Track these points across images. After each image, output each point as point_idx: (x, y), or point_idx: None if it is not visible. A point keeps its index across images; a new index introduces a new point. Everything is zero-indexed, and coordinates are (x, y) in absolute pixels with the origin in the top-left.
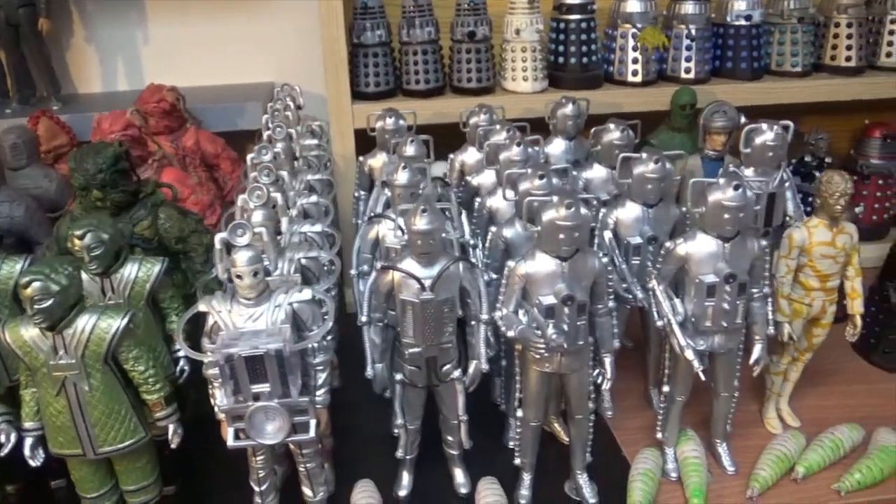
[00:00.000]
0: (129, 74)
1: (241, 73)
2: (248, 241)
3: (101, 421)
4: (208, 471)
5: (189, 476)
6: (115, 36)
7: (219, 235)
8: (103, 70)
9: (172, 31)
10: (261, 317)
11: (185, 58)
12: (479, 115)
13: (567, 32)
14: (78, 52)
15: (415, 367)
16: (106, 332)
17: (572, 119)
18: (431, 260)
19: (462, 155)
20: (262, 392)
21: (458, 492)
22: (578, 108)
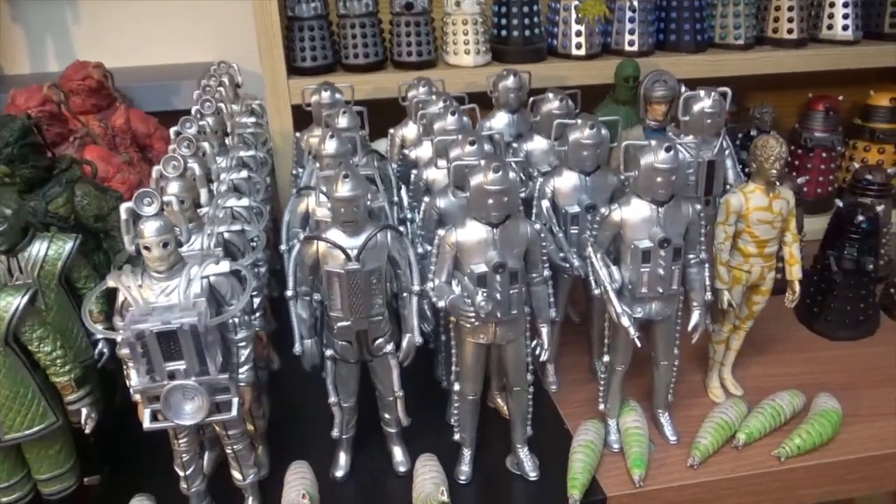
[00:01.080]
0: (60, 54)
1: (178, 54)
2: (156, 210)
3: (5, 405)
4: (138, 457)
5: (118, 463)
6: (44, 14)
7: (124, 205)
8: (31, 50)
9: (104, 8)
10: (174, 291)
11: (118, 37)
12: (418, 88)
13: (509, 5)
14: (3, 31)
15: (345, 342)
16: (5, 311)
17: (514, 92)
18: (357, 229)
19: (402, 129)
20: (177, 370)
21: (397, 470)
22: (520, 80)
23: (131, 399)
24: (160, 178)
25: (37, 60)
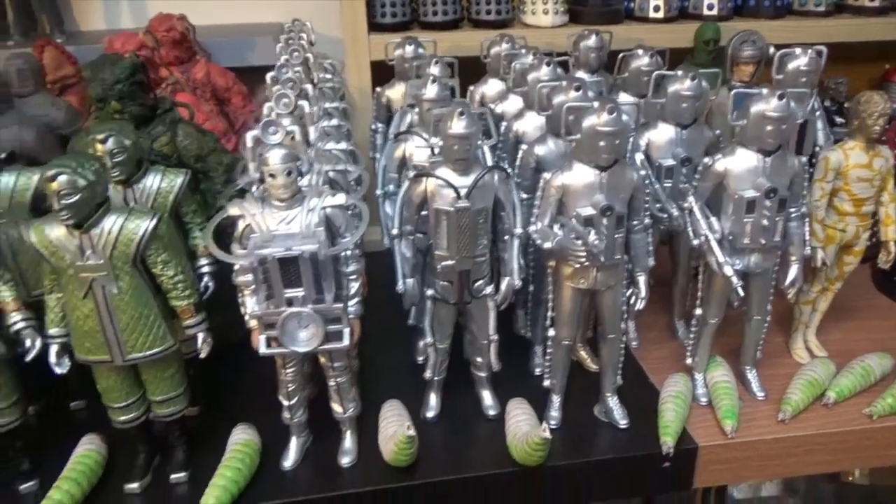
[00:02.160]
0: (134, 12)
1: (246, 13)
2: (281, 139)
3: (129, 326)
4: (231, 397)
5: (211, 401)
6: None
7: (250, 133)
8: (106, 7)
9: None
10: (294, 220)
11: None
12: (501, 44)
13: None
14: None
15: (447, 282)
16: (134, 232)
17: (595, 52)
18: (467, 168)
19: (482, 87)
20: (295, 297)
21: (487, 413)
22: (601, 40)
23: (219, 341)
24: (270, 113)
25: (111, 17)
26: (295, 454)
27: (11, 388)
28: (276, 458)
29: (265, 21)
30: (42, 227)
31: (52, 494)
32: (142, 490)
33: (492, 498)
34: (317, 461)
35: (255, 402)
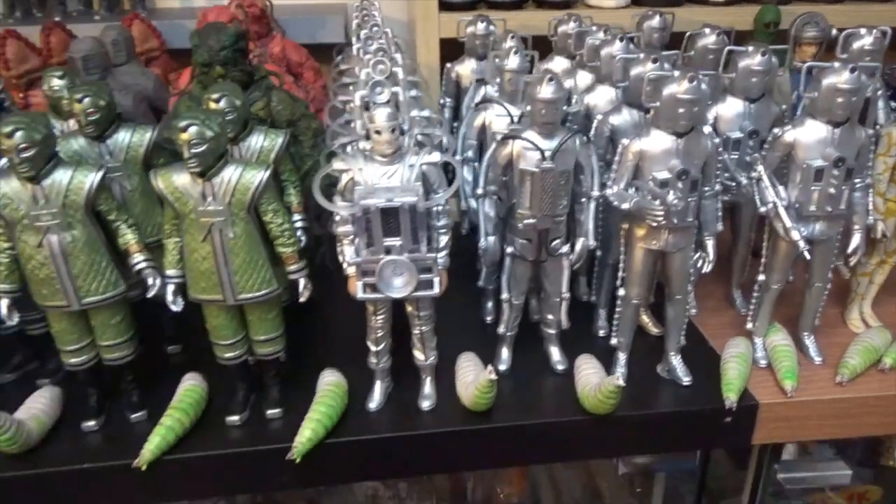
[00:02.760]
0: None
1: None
2: (387, 99)
3: (241, 268)
4: (316, 345)
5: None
6: None
7: (359, 92)
8: None
9: None
10: (394, 175)
11: None
12: (569, 23)
13: None
14: None
15: (526, 241)
16: (251, 181)
17: (658, 32)
18: (552, 132)
19: (549, 64)
20: (393, 246)
21: (555, 368)
22: (665, 21)
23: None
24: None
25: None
26: (379, 397)
27: (128, 325)
28: (361, 400)
29: (330, 2)
30: (169, 175)
31: (163, 421)
32: (241, 423)
33: (562, 443)
34: (398, 404)
35: (337, 350)
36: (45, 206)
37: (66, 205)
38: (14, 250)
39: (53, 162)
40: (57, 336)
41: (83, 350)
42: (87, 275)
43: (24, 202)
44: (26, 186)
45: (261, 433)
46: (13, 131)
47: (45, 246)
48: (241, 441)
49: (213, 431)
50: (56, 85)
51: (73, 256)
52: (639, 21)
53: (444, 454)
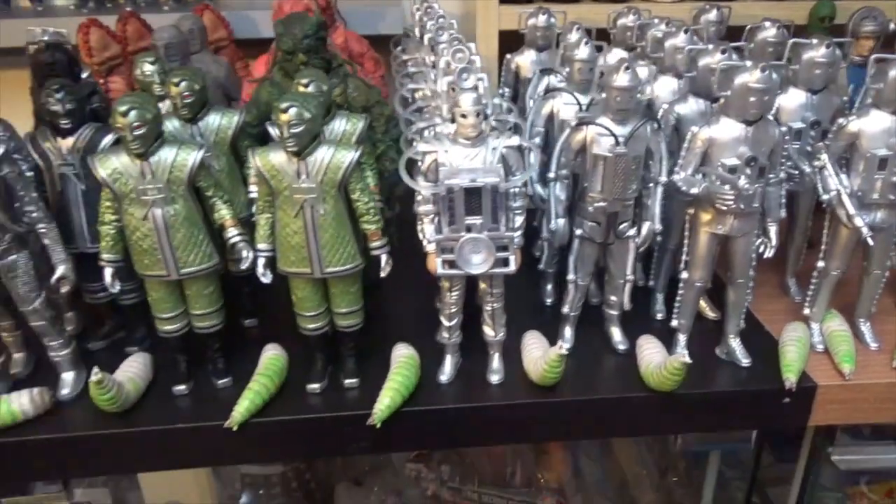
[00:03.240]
0: None
1: None
2: (473, 84)
3: (329, 243)
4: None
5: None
6: None
7: (446, 78)
8: None
9: None
10: (476, 157)
11: None
12: (628, 16)
13: None
14: None
15: (595, 223)
16: (342, 161)
17: (715, 25)
18: (625, 118)
19: (606, 55)
20: (473, 224)
21: (617, 348)
22: (722, 14)
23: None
24: (447, 66)
25: None
26: (450, 370)
27: (218, 296)
28: (431, 374)
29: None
30: (266, 153)
31: (251, 386)
32: (321, 391)
33: (625, 418)
34: (467, 378)
35: (406, 326)
36: (152, 182)
37: (170, 180)
38: (120, 223)
39: (160, 140)
40: (154, 304)
41: (177, 318)
42: (186, 247)
43: (132, 177)
44: (135, 162)
45: (338, 401)
46: (128, 110)
47: (150, 218)
48: (320, 407)
49: (295, 398)
50: (148, 70)
51: (174, 229)
52: (696, 14)
53: (512, 426)
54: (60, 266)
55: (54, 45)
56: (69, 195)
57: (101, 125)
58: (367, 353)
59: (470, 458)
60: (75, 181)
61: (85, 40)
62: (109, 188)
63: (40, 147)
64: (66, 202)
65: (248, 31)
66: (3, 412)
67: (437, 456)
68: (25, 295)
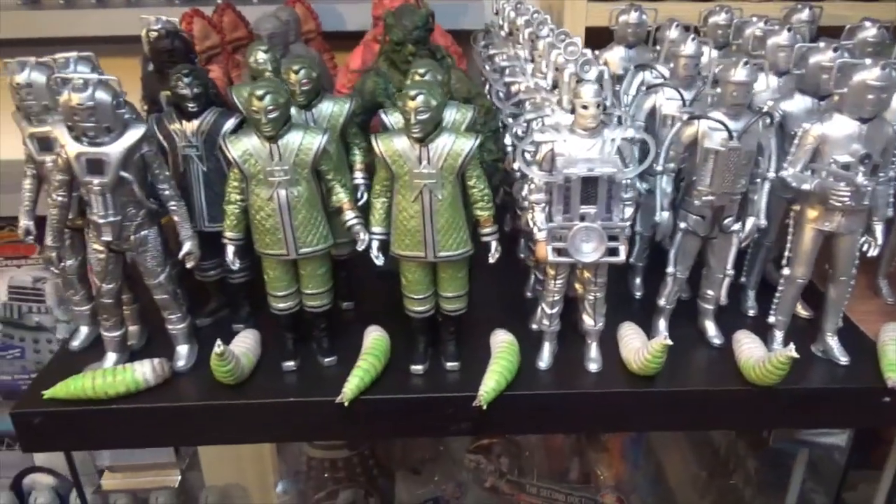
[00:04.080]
0: None
1: None
2: (595, 76)
3: (444, 228)
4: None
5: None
6: None
7: (568, 70)
8: None
9: None
10: (593, 147)
11: None
12: (720, 14)
13: None
14: None
15: (700, 217)
16: (462, 148)
17: (807, 25)
18: (739, 112)
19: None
20: (588, 213)
21: (712, 342)
22: (814, 14)
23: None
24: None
25: None
26: (548, 357)
27: (329, 277)
28: (527, 360)
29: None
30: (389, 139)
31: (360, 364)
32: (423, 372)
33: (722, 411)
34: (565, 365)
35: (501, 312)
36: (279, 164)
37: (295, 163)
38: (244, 202)
39: (288, 125)
40: (269, 283)
41: (290, 297)
42: (306, 227)
43: (262, 158)
44: (265, 145)
45: (441, 383)
46: (264, 94)
47: (274, 199)
48: (424, 388)
49: (398, 379)
50: (261, 58)
51: (295, 210)
52: (787, 13)
53: (611, 414)
54: (187, 242)
55: (172, 33)
56: (191, 176)
57: (223, 109)
58: (467, 337)
59: (529, 451)
60: (198, 163)
61: (188, 29)
62: (239, 169)
63: (166, 129)
64: (187, 183)
65: (329, 23)
66: (129, 380)
67: (496, 448)
68: (153, 269)
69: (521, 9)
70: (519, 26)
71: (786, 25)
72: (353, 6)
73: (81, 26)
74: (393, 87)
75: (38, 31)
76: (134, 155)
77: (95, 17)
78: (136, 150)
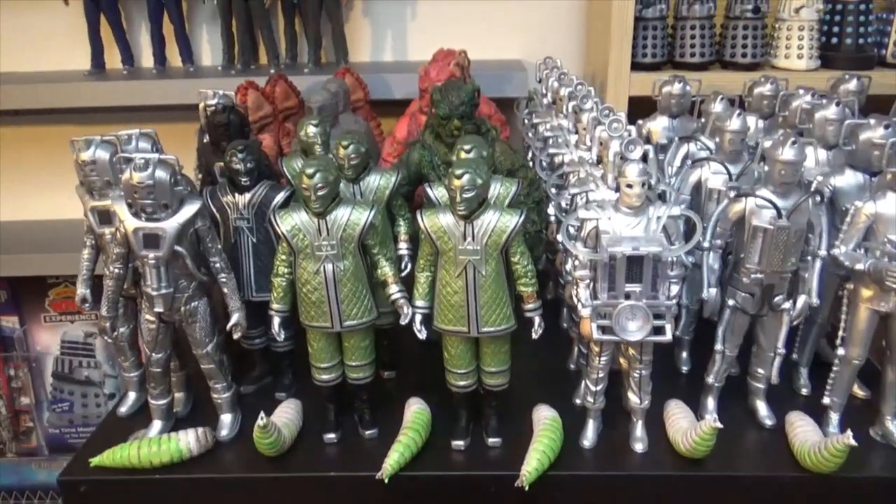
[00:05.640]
0: (395, 47)
1: (489, 50)
2: (640, 156)
3: (487, 303)
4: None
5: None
6: (389, 11)
7: (613, 149)
8: (374, 41)
9: (436, 8)
10: (638, 225)
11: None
12: (765, 85)
13: (844, 13)
14: (354, 23)
15: (748, 294)
16: (507, 225)
17: (855, 95)
18: (788, 191)
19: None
20: (633, 291)
21: (763, 423)
22: (862, 84)
23: None
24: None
25: (376, 51)
26: (592, 435)
27: (372, 349)
28: (571, 437)
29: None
30: (435, 215)
31: (401, 439)
32: (465, 448)
33: (774, 498)
34: (610, 444)
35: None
36: (327, 238)
37: (342, 238)
38: (291, 275)
39: (336, 200)
40: (314, 354)
41: (333, 368)
42: (351, 301)
43: (310, 233)
44: (313, 220)
45: (482, 459)
46: (314, 172)
47: (321, 273)
48: (465, 465)
49: (439, 454)
50: (312, 132)
51: (341, 283)
52: (834, 84)
53: (658, 497)
54: (235, 313)
55: (229, 108)
56: (241, 247)
57: (275, 183)
58: (509, 413)
59: None
60: (248, 234)
61: (243, 101)
62: (287, 243)
63: (219, 201)
64: (237, 253)
65: (381, 92)
66: (173, 449)
67: None
68: (202, 339)
69: (564, 79)
70: (562, 97)
71: (834, 99)
72: (400, 76)
73: (143, 96)
74: (438, 159)
75: (103, 101)
76: (188, 229)
77: (156, 87)
78: (190, 225)
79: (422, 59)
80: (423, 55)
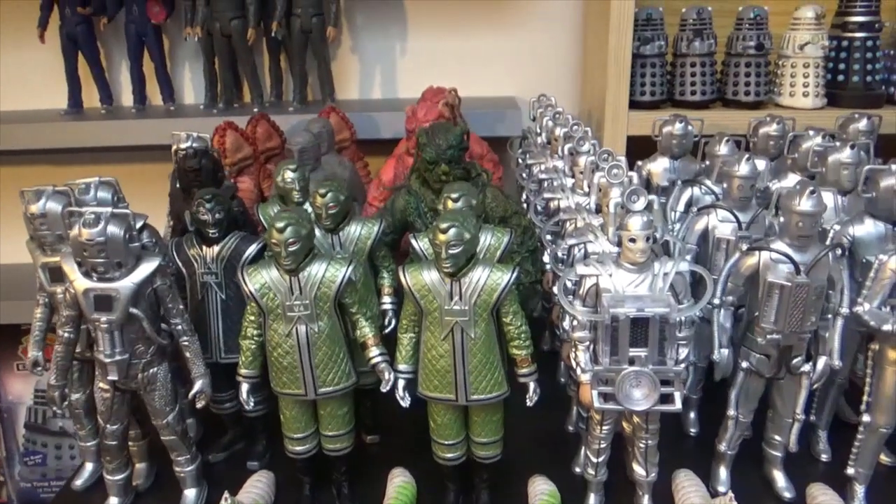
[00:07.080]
0: (384, 84)
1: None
2: (643, 206)
3: (477, 369)
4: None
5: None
6: (378, 47)
7: (614, 200)
8: (362, 78)
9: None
10: (642, 283)
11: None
12: (771, 125)
13: (850, 50)
14: (342, 60)
15: (764, 356)
16: (498, 283)
17: (866, 135)
18: (806, 244)
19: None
20: (638, 356)
21: (782, 496)
22: (872, 123)
23: None
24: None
25: (365, 88)
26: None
27: (351, 417)
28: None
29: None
30: (419, 272)
31: None
32: None
33: None
34: None
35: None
36: (299, 297)
37: (317, 297)
38: (261, 338)
39: (311, 255)
40: (286, 423)
41: (308, 439)
42: (326, 365)
43: (280, 292)
44: (285, 277)
45: None
46: (285, 227)
47: (293, 335)
48: None
49: None
50: (289, 177)
51: (315, 347)
52: (842, 123)
53: None
54: (199, 380)
55: (201, 152)
56: (209, 304)
57: (246, 234)
58: (501, 484)
59: None
60: (217, 290)
61: (221, 142)
62: (256, 303)
63: (185, 254)
64: (204, 311)
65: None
66: None
67: None
68: (161, 408)
69: (559, 118)
70: (557, 137)
71: (847, 141)
72: (388, 114)
73: (122, 136)
74: (424, 206)
75: (80, 141)
76: (146, 290)
77: (135, 127)
78: (148, 285)
79: (412, 97)
80: (412, 92)
